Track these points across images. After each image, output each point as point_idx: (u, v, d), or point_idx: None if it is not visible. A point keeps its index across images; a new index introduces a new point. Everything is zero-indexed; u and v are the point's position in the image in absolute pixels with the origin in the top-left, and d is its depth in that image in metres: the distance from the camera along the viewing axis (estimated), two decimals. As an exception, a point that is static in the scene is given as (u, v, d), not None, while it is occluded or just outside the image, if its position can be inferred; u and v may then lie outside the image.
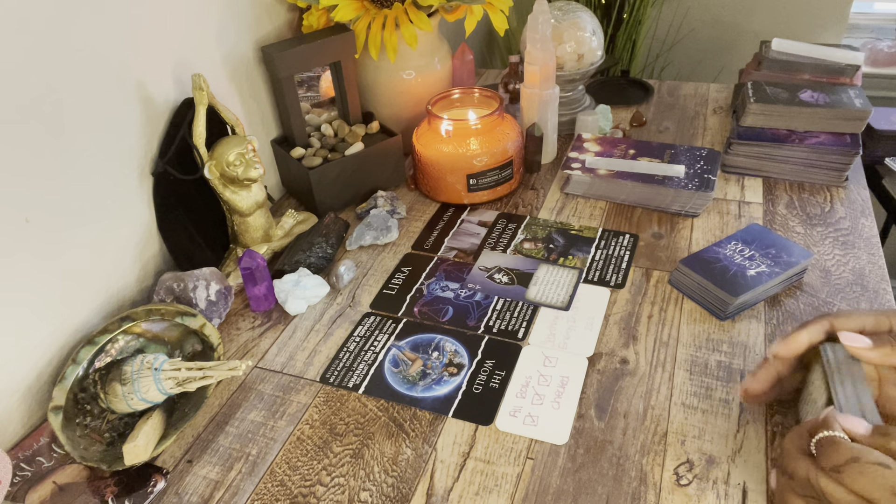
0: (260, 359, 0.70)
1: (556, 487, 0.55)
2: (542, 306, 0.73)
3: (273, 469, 0.58)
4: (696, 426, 0.59)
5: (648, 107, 1.14)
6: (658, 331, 0.69)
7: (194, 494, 0.57)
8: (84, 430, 0.59)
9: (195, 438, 0.62)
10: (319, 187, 0.87)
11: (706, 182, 0.85)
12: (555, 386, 0.64)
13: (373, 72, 0.95)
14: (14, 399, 0.61)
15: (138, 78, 0.71)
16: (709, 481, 0.54)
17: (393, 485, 0.56)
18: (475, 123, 0.87)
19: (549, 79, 0.92)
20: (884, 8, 1.79)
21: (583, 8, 1.03)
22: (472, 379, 0.65)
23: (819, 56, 0.99)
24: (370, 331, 0.72)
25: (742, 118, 0.92)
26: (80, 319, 0.68)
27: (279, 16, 0.92)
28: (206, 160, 0.74)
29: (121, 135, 0.70)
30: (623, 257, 0.79)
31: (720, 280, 0.69)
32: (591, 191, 0.90)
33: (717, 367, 0.64)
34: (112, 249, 0.71)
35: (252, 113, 0.90)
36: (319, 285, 0.77)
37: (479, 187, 0.89)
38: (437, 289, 0.77)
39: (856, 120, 0.87)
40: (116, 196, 0.71)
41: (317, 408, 0.64)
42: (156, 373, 0.59)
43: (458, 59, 1.09)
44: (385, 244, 0.85)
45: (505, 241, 0.84)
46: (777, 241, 0.74)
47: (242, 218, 0.79)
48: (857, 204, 0.85)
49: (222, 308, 0.73)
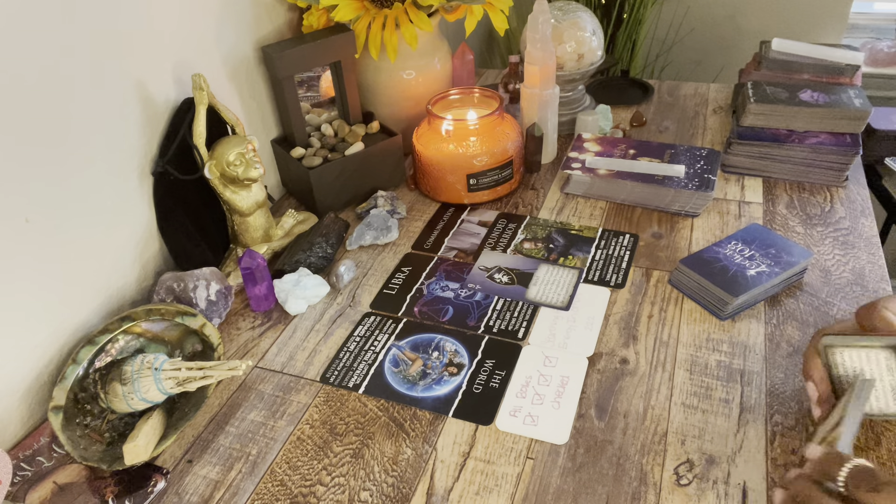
0: (260, 359, 0.70)
1: (556, 487, 0.55)
2: (542, 306, 0.73)
3: (273, 469, 0.58)
4: (696, 426, 0.59)
5: (648, 107, 1.14)
6: (658, 331, 0.69)
7: (194, 494, 0.57)
8: (84, 430, 0.59)
9: (195, 438, 0.62)
10: (319, 187, 0.87)
11: (706, 182, 0.85)
12: (555, 386, 0.64)
13: (373, 72, 0.95)
14: (14, 399, 0.61)
15: (138, 78, 0.71)
16: (709, 481, 0.54)
17: (393, 485, 0.56)
18: (475, 123, 0.87)
19: (549, 79, 0.92)
20: (884, 8, 1.79)
21: (583, 8, 1.03)
22: (473, 379, 0.65)
23: (819, 56, 0.99)
24: (370, 331, 0.72)
25: (742, 118, 0.92)
26: (80, 319, 0.68)
27: (279, 16, 0.92)
28: (206, 160, 0.74)
29: (121, 135, 0.70)
30: (623, 257, 0.79)
31: (720, 280, 0.69)
32: (591, 191, 0.90)
33: (717, 367, 0.64)
34: (112, 249, 0.71)
35: (252, 113, 0.90)
36: (319, 285, 0.77)
37: (479, 187, 0.89)
38: (437, 289, 0.77)
39: (856, 120, 0.87)
40: (116, 196, 0.71)
41: (317, 408, 0.64)
42: (156, 373, 0.59)
43: (458, 59, 1.09)
44: (385, 244, 0.85)
45: (505, 241, 0.84)
46: (777, 240, 0.74)
47: (242, 218, 0.79)
48: (857, 204, 0.85)
49: (222, 308, 0.73)
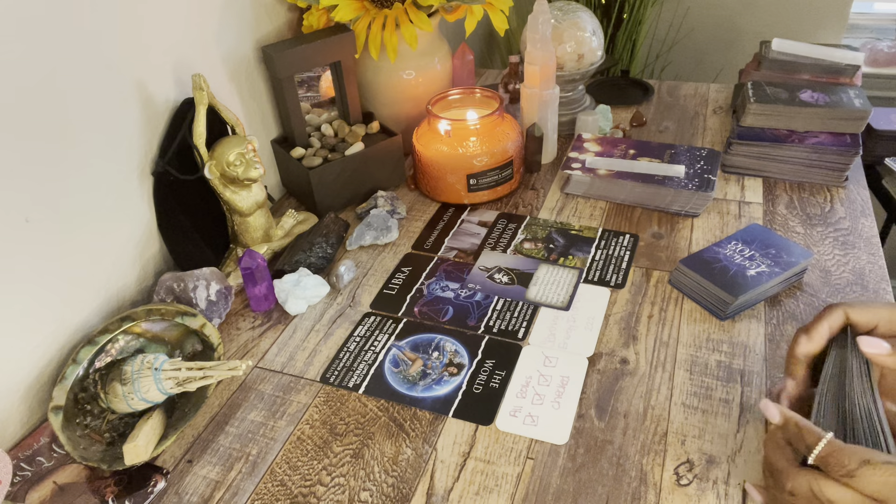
0: (260, 359, 0.70)
1: (556, 487, 0.55)
2: (542, 306, 0.73)
3: (273, 469, 0.58)
4: (696, 426, 0.59)
5: (648, 107, 1.14)
6: (658, 331, 0.69)
7: (194, 494, 0.57)
8: (84, 430, 0.59)
9: (195, 438, 0.62)
10: (319, 187, 0.87)
11: (706, 182, 0.85)
12: (555, 386, 0.64)
13: (373, 72, 0.95)
14: (14, 399, 0.61)
15: (138, 78, 0.71)
16: (709, 481, 0.54)
17: (393, 485, 0.56)
18: (475, 123, 0.87)
19: (549, 79, 0.92)
20: (884, 8, 1.79)
21: (583, 8, 1.03)
22: (473, 379, 0.65)
23: (819, 56, 0.99)
24: (370, 331, 0.72)
25: (742, 118, 0.92)
26: (80, 319, 0.68)
27: (279, 16, 0.92)
28: (206, 160, 0.74)
29: (121, 135, 0.70)
30: (623, 257, 0.79)
31: (720, 280, 0.69)
32: (591, 191, 0.90)
33: (717, 367, 0.64)
34: (112, 249, 0.71)
35: (252, 113, 0.90)
36: (319, 285, 0.77)
37: (479, 187, 0.89)
38: (437, 289, 0.77)
39: (856, 120, 0.87)
40: (116, 196, 0.71)
41: (317, 408, 0.64)
42: (156, 373, 0.59)
43: (458, 59, 1.09)
44: (385, 244, 0.85)
45: (505, 241, 0.84)
46: (777, 241, 0.74)
47: (242, 218, 0.79)
48: (857, 204, 0.85)
49: (222, 308, 0.73)
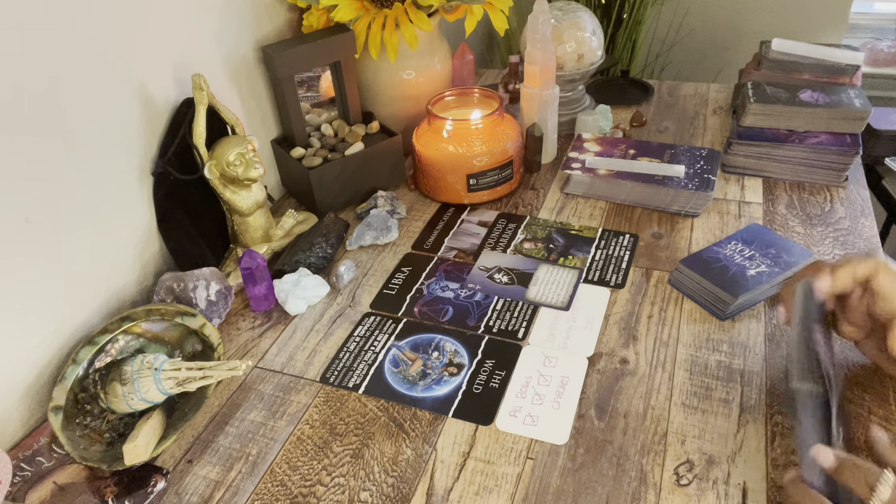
0: (260, 359, 0.70)
1: (556, 487, 0.55)
2: (542, 306, 0.73)
3: (273, 469, 0.58)
4: (696, 426, 0.59)
5: (648, 107, 1.14)
6: (658, 331, 0.69)
7: (194, 494, 0.57)
8: (84, 430, 0.59)
9: (195, 438, 0.62)
10: (319, 187, 0.87)
11: (706, 182, 0.85)
12: (555, 386, 0.64)
13: (373, 72, 0.95)
14: (14, 399, 0.61)
15: (138, 78, 0.71)
16: (709, 481, 0.54)
17: (393, 485, 0.56)
18: (475, 123, 0.87)
19: (549, 79, 0.92)
20: (884, 8, 1.79)
21: (583, 8, 1.03)
22: (472, 379, 0.65)
23: (819, 56, 0.99)
24: (370, 331, 0.72)
25: (742, 118, 0.92)
26: (80, 319, 0.68)
27: (279, 16, 0.92)
28: (206, 160, 0.74)
29: (121, 135, 0.70)
30: (623, 257, 0.79)
31: (720, 280, 0.69)
32: (591, 191, 0.90)
33: (717, 367, 0.64)
34: (112, 249, 0.71)
35: (252, 113, 0.90)
36: (319, 285, 0.77)
37: (479, 187, 0.89)
38: (437, 289, 0.77)
39: (856, 120, 0.87)
40: (116, 196, 0.71)
41: (317, 408, 0.64)
42: (156, 373, 0.59)
43: (458, 59, 1.09)
44: (385, 244, 0.85)
45: (505, 241, 0.84)
46: (777, 241, 0.74)
47: (242, 218, 0.79)
48: (857, 204, 0.85)
49: (222, 308, 0.73)
